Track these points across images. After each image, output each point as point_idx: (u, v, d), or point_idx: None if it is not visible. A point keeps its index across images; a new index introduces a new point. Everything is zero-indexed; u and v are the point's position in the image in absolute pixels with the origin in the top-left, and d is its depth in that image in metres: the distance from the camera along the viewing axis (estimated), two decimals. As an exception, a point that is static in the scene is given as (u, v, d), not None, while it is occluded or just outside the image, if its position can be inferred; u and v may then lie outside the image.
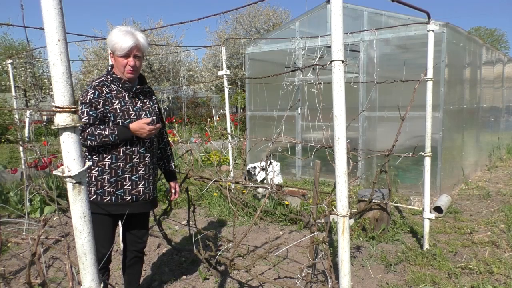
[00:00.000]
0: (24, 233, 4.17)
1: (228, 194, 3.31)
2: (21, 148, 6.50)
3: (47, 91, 16.64)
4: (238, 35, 20.43)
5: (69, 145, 1.02)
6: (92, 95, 2.16)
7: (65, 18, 0.99)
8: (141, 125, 2.16)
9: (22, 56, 13.73)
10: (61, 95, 0.99)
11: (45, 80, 17.53)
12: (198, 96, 20.29)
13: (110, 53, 2.26)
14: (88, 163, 1.09)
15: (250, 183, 2.93)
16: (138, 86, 2.34)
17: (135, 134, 2.19)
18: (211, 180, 2.90)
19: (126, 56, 2.19)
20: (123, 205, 2.30)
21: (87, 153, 2.26)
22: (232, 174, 5.64)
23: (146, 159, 2.35)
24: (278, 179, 6.64)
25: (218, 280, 3.26)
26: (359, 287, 3.14)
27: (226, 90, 5.62)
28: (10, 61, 6.68)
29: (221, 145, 8.68)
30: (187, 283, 3.25)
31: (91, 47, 18.71)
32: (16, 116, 7.12)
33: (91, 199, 2.23)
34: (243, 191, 5.19)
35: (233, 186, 5.50)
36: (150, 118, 2.23)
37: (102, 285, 1.15)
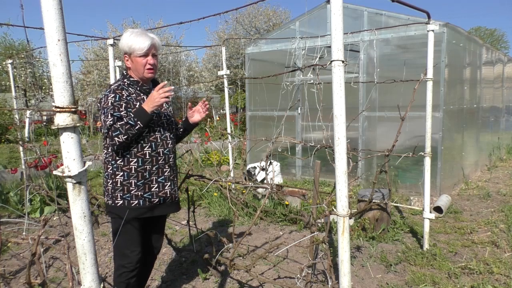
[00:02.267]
0: (24, 233, 4.17)
1: (228, 194, 3.31)
2: (21, 148, 6.50)
3: (47, 91, 16.65)
4: (238, 35, 20.43)
5: (69, 145, 1.02)
6: (113, 99, 2.14)
7: (65, 18, 0.99)
8: (152, 96, 2.09)
9: (22, 56, 13.74)
10: (61, 95, 0.99)
11: (45, 80, 17.55)
12: (198, 96, 20.28)
13: (125, 56, 2.26)
14: (88, 163, 1.09)
15: (250, 183, 2.93)
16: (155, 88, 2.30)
17: (154, 107, 2.10)
18: (211, 180, 2.90)
19: (145, 55, 2.20)
20: (151, 208, 2.30)
21: (110, 159, 2.23)
22: (232, 174, 5.64)
23: (170, 160, 2.37)
24: (278, 179, 6.64)
25: (218, 280, 3.26)
26: (359, 287, 3.14)
27: (226, 90, 5.63)
28: (10, 61, 6.69)
29: (221, 145, 8.69)
30: (187, 283, 3.25)
31: (91, 47, 18.70)
32: (16, 116, 7.12)
33: (118, 205, 2.22)
34: (243, 191, 5.19)
35: (233, 186, 5.50)
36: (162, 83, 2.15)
37: (102, 285, 1.15)
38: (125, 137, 2.07)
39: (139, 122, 2.08)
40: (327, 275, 2.41)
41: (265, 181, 3.09)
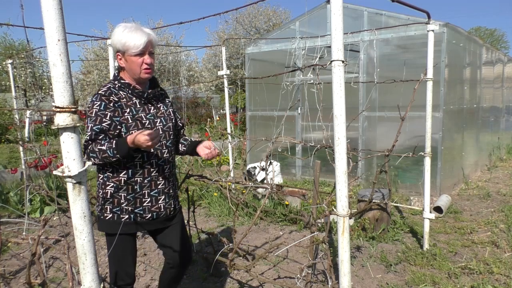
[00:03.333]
0: (24, 233, 4.16)
1: (228, 194, 3.32)
2: (21, 148, 6.50)
3: (47, 91, 16.66)
4: (238, 35, 20.43)
5: (69, 145, 1.02)
6: (98, 107, 1.91)
7: (65, 18, 0.99)
8: (138, 136, 1.78)
9: (22, 56, 13.74)
10: (61, 95, 0.99)
11: (45, 80, 17.55)
12: (198, 96, 20.30)
13: (118, 55, 2.00)
14: (88, 163, 1.09)
15: (250, 183, 2.93)
16: (150, 90, 2.08)
17: (137, 146, 1.81)
18: (211, 180, 2.90)
19: (141, 54, 1.95)
20: (143, 224, 2.08)
21: (100, 167, 2.03)
22: (232, 174, 5.64)
23: (165, 171, 2.11)
24: (278, 179, 6.64)
25: (218, 280, 3.26)
26: (359, 287, 3.14)
27: (226, 90, 5.63)
28: (10, 61, 6.69)
29: (221, 145, 8.68)
30: (187, 283, 3.25)
31: (91, 47, 18.74)
32: (16, 116, 7.12)
33: (107, 218, 2.03)
34: (243, 191, 5.19)
35: (233, 186, 5.50)
36: (150, 132, 1.80)
37: (102, 285, 1.15)
38: (101, 162, 1.88)
39: (118, 155, 1.84)
40: (327, 275, 2.41)
41: (265, 181, 3.09)
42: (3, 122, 13.93)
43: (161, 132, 2.09)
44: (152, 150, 2.04)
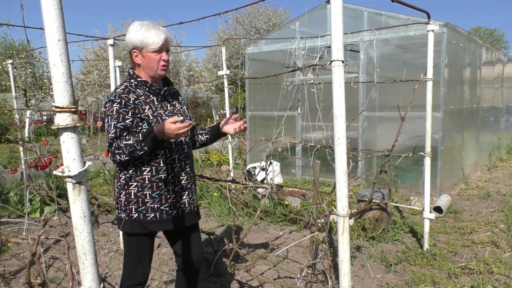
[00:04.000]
0: (24, 233, 4.16)
1: (228, 194, 3.32)
2: (21, 148, 6.50)
3: (47, 91, 16.66)
4: (238, 35, 20.44)
5: (69, 145, 1.02)
6: (118, 105, 1.91)
7: (65, 18, 0.99)
8: (168, 125, 1.76)
9: (22, 56, 13.74)
10: (61, 95, 0.99)
11: (45, 80, 17.56)
12: (198, 96, 20.30)
13: (134, 52, 2.00)
14: (88, 163, 1.09)
15: (250, 183, 2.93)
16: (165, 88, 2.09)
17: (164, 136, 1.80)
18: (211, 180, 2.90)
19: (159, 51, 1.97)
20: (168, 221, 2.07)
21: (122, 168, 2.01)
22: (232, 174, 5.64)
23: (187, 166, 2.13)
24: (278, 179, 6.64)
25: (218, 280, 3.26)
26: (359, 287, 3.14)
27: (226, 90, 5.63)
28: (10, 61, 6.69)
29: (221, 145, 8.68)
30: (187, 283, 3.25)
31: (91, 47, 18.74)
32: (16, 116, 7.12)
33: (134, 217, 2.00)
34: (243, 191, 5.19)
35: (233, 186, 5.50)
36: (179, 118, 1.80)
37: (102, 285, 1.15)
38: (127, 158, 1.87)
39: (145, 147, 1.84)
40: (327, 275, 2.41)
41: (265, 181, 3.09)
42: (3, 122, 13.93)
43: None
44: (179, 140, 2.05)
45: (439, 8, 79.87)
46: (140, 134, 1.86)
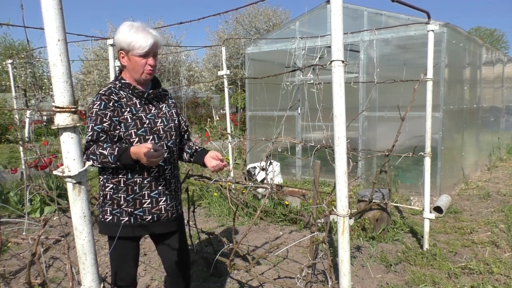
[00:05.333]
0: (24, 233, 4.17)
1: (228, 194, 3.31)
2: (21, 148, 6.50)
3: (47, 91, 16.66)
4: (238, 35, 20.43)
5: (69, 145, 1.02)
6: (98, 107, 1.90)
7: (65, 18, 0.99)
8: (141, 152, 1.74)
9: (22, 56, 13.74)
10: (61, 95, 0.99)
11: (45, 80, 17.55)
12: (198, 96, 20.30)
13: (120, 53, 1.97)
14: (88, 163, 1.09)
15: (250, 183, 2.93)
16: (151, 91, 2.04)
17: (139, 158, 1.78)
18: (211, 180, 2.90)
19: (145, 55, 1.93)
20: (143, 226, 2.03)
21: (100, 169, 2.01)
22: (232, 174, 5.64)
23: (166, 172, 2.06)
24: (278, 179, 6.64)
25: (218, 280, 3.26)
26: (359, 287, 3.14)
27: (226, 90, 5.63)
28: (10, 61, 6.69)
29: (221, 145, 8.68)
30: (187, 283, 3.25)
31: (91, 47, 18.75)
32: (16, 116, 7.13)
33: (107, 220, 1.99)
34: (243, 191, 5.19)
35: (233, 186, 5.50)
36: (151, 144, 1.77)
37: (102, 285, 1.15)
38: (99, 165, 1.85)
39: (118, 163, 1.83)
40: (327, 275, 2.41)
41: (265, 181, 3.09)
42: (3, 122, 13.93)
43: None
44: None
45: (439, 8, 79.96)
46: (117, 148, 1.84)
